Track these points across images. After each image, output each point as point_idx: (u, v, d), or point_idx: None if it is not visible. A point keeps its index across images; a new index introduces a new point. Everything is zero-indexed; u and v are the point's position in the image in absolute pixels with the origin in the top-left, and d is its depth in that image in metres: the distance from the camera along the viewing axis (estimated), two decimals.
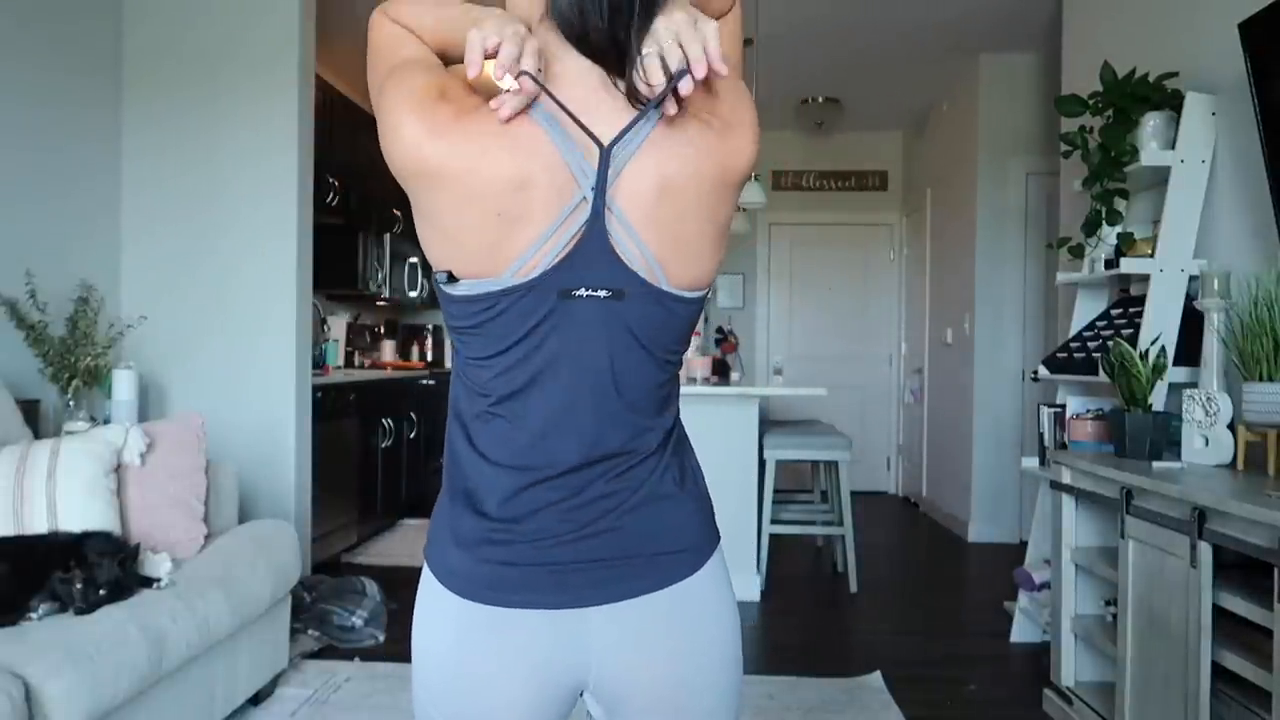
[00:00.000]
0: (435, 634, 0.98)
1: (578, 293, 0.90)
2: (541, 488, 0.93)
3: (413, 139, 0.87)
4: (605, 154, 0.88)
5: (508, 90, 0.87)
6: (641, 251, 0.91)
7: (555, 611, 0.93)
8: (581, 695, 0.99)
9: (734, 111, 0.96)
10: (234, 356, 3.66)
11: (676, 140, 0.92)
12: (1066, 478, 2.72)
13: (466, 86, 0.91)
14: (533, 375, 0.92)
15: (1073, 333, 3.34)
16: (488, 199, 0.87)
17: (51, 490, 2.26)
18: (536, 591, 0.93)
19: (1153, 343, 2.68)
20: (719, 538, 1.03)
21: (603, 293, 0.90)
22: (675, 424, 1.01)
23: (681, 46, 0.87)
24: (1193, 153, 2.82)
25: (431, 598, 0.98)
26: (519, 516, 0.93)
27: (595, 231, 0.89)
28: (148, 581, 2.21)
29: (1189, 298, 2.80)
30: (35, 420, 2.93)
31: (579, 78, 0.91)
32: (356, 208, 5.33)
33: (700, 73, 0.86)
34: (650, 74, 0.88)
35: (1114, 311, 3.18)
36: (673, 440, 1.00)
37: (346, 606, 3.39)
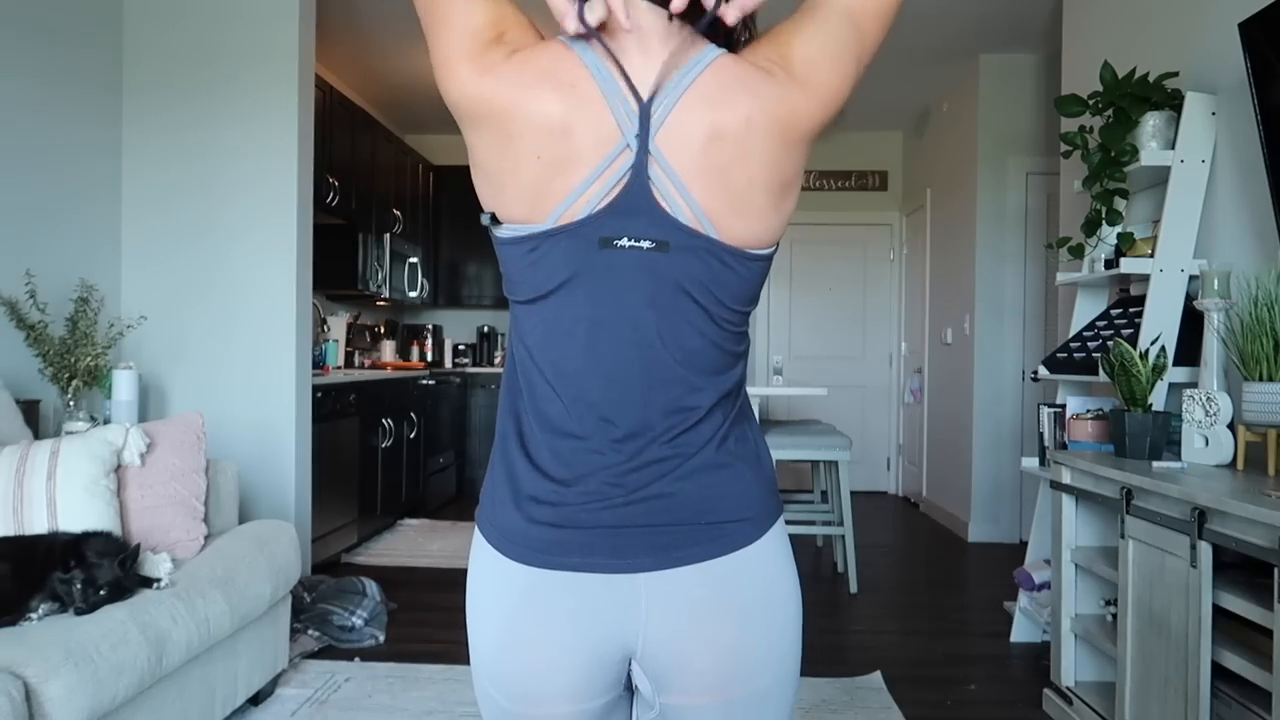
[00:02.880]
0: (484, 600, 0.96)
1: (619, 243, 0.87)
2: (593, 449, 0.91)
3: (462, 78, 0.87)
4: (645, 107, 0.87)
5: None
6: (688, 203, 0.88)
7: (604, 576, 0.90)
8: (630, 666, 0.96)
9: (809, 69, 0.90)
10: (234, 356, 3.66)
11: (729, 87, 0.88)
12: (1066, 478, 2.72)
13: (525, 23, 0.90)
14: (574, 326, 0.90)
15: (1073, 333, 3.34)
16: (527, 140, 0.86)
17: (51, 490, 2.26)
18: (585, 554, 0.90)
19: (1153, 343, 2.68)
20: (781, 509, 0.98)
21: (645, 244, 0.87)
22: (736, 389, 0.96)
23: None
24: (1193, 153, 2.82)
25: (480, 562, 0.96)
26: (570, 479, 0.91)
27: (638, 180, 0.87)
28: (148, 581, 2.21)
29: (1189, 298, 2.80)
30: (35, 420, 2.93)
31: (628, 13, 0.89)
32: (356, 208, 5.33)
33: (731, 17, 0.87)
34: None
35: (1114, 311, 3.18)
36: (734, 405, 0.96)
37: (346, 606, 3.39)
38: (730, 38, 0.95)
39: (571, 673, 0.92)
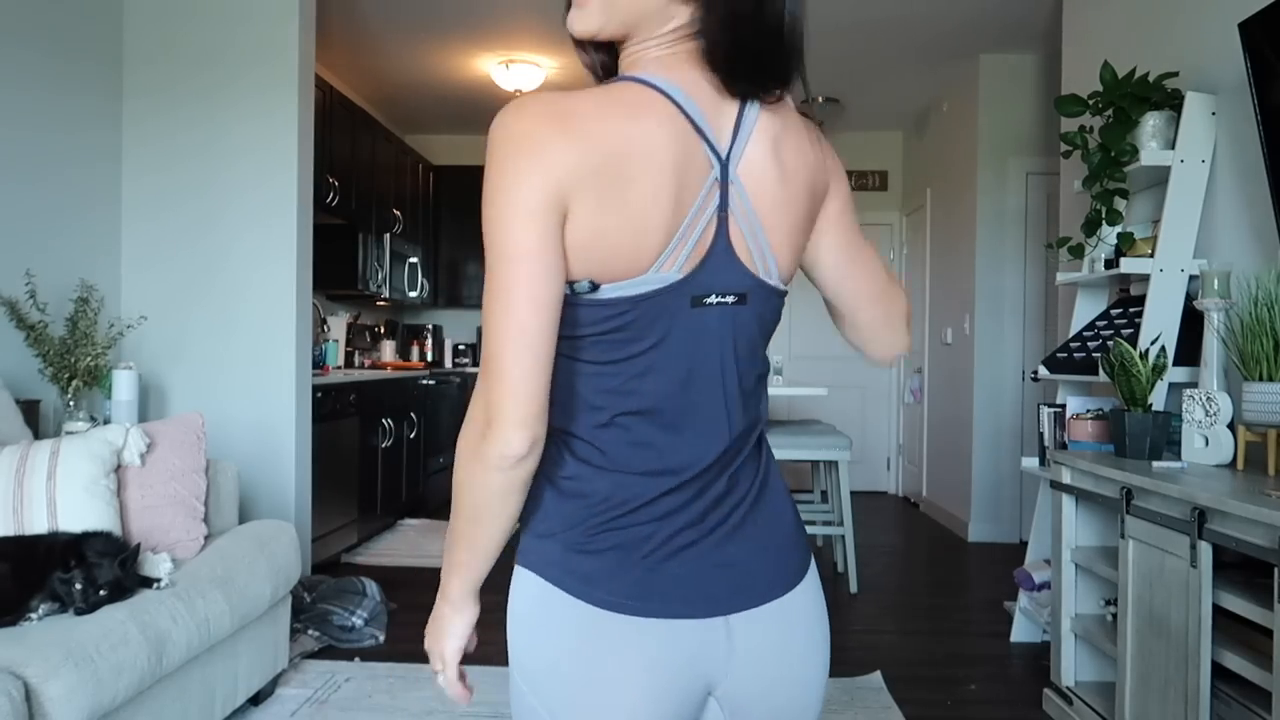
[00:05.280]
0: (558, 644, 0.91)
1: (708, 300, 0.89)
2: (671, 493, 0.91)
3: (553, 156, 0.81)
4: (731, 140, 0.89)
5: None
6: (760, 243, 0.91)
7: (692, 621, 0.91)
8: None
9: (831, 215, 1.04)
10: (234, 356, 3.66)
11: (787, 126, 0.94)
12: (1066, 478, 2.72)
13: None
14: (660, 382, 0.90)
15: (1073, 333, 3.34)
16: (648, 176, 0.84)
17: (51, 490, 2.26)
18: (675, 601, 0.90)
19: (1153, 343, 2.68)
20: (807, 541, 1.05)
21: (730, 298, 0.90)
22: (766, 410, 1.03)
23: None
24: (1193, 152, 2.82)
25: (549, 606, 0.91)
26: (651, 520, 0.90)
27: (723, 222, 0.89)
28: (148, 581, 2.21)
29: (1189, 298, 2.79)
30: (35, 420, 2.93)
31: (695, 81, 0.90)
32: (356, 208, 5.33)
33: None
34: None
35: (1114, 311, 3.18)
36: (764, 440, 1.02)
37: (346, 606, 3.39)
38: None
39: (660, 714, 0.91)
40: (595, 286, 0.85)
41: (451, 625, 0.97)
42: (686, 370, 0.91)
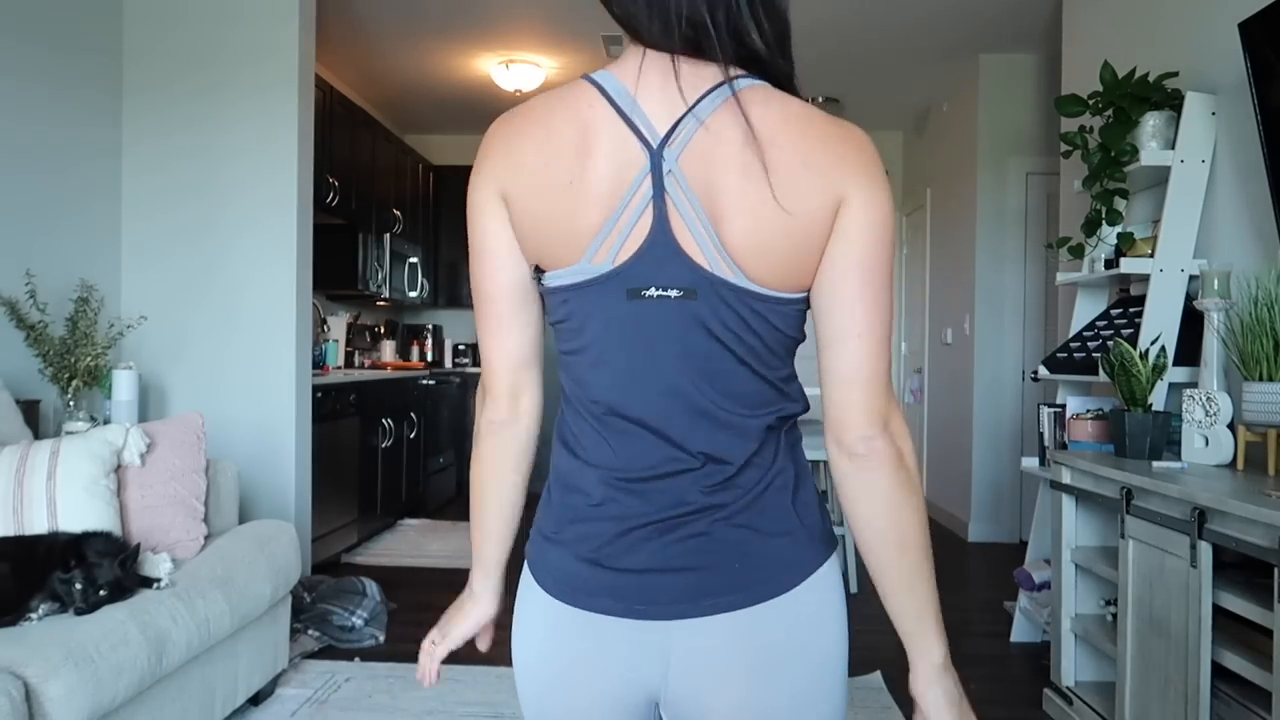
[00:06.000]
0: (526, 632, 0.97)
1: (647, 293, 0.85)
2: (628, 491, 0.90)
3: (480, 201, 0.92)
4: (669, 131, 0.85)
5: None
6: (711, 239, 0.84)
7: (635, 621, 0.90)
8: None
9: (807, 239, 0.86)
10: (234, 356, 3.66)
11: (765, 126, 0.84)
12: (1066, 478, 2.72)
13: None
14: (610, 378, 0.89)
15: (1073, 333, 3.34)
16: (559, 174, 0.86)
17: (51, 490, 2.26)
18: (618, 598, 0.90)
19: (1153, 343, 2.68)
20: (828, 554, 0.94)
21: (673, 292, 0.85)
22: (781, 428, 0.93)
23: None
24: (1193, 152, 2.82)
25: (525, 593, 0.98)
26: (607, 518, 0.91)
27: (661, 215, 0.84)
28: (148, 581, 2.21)
29: (1189, 298, 2.79)
30: (35, 420, 2.93)
31: (641, 64, 0.88)
32: (356, 208, 5.33)
33: None
34: None
35: (1114, 311, 3.18)
36: (778, 447, 0.93)
37: (346, 606, 3.39)
38: (765, 68, 0.91)
39: (605, 713, 0.94)
40: (541, 273, 0.91)
41: (466, 610, 1.07)
42: (628, 365, 0.88)
